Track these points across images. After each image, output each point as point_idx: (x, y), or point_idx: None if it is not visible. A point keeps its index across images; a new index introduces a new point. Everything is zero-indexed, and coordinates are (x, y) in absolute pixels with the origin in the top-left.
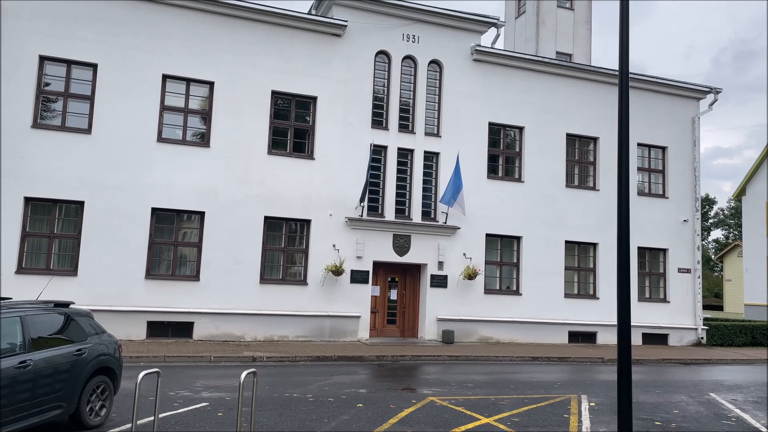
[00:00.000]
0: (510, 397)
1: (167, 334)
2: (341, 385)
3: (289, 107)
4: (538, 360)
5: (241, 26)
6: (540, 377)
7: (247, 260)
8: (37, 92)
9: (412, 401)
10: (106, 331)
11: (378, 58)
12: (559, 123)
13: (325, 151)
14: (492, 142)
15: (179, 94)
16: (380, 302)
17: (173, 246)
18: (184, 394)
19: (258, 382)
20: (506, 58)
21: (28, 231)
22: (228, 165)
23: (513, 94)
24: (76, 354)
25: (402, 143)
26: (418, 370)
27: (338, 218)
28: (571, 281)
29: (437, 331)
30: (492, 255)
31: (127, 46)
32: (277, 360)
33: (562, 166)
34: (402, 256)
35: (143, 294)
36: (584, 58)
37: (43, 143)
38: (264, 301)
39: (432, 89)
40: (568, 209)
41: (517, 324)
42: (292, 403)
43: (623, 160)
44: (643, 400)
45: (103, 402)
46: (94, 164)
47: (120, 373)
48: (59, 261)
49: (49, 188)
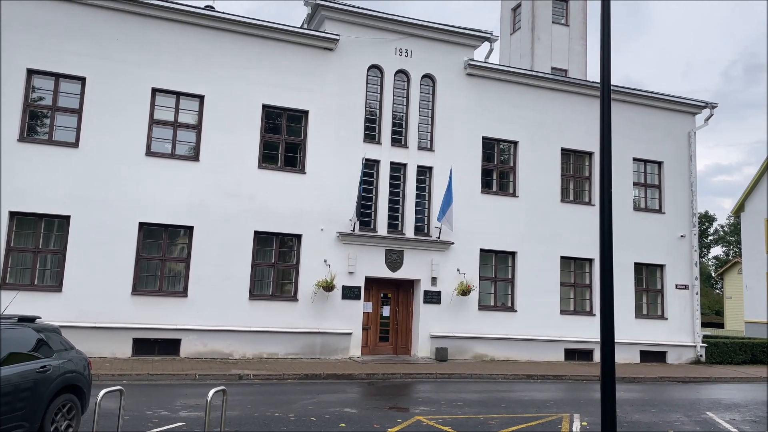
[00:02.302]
0: (500, 416)
1: (153, 351)
2: (326, 404)
3: (280, 121)
4: (532, 378)
5: (232, 40)
6: (533, 396)
7: (237, 276)
8: (25, 105)
9: (398, 420)
10: (74, 347)
11: (370, 72)
12: (554, 138)
13: (316, 165)
14: (486, 156)
15: (169, 107)
16: (372, 319)
17: (161, 261)
18: (162, 413)
19: (241, 401)
20: (500, 73)
21: (13, 246)
22: (218, 179)
23: (507, 108)
24: (40, 371)
25: (395, 157)
26: (408, 388)
27: (330, 233)
28: (567, 297)
29: (431, 349)
30: (486, 271)
31: (117, 59)
32: (264, 378)
33: (557, 181)
34: (395, 271)
35: (129, 310)
36: (580, 74)
37: (30, 157)
38: (253, 317)
39: (425, 103)
40: (563, 224)
41: (512, 341)
42: (272, 423)
43: (605, 171)
44: (637, 419)
45: (69, 422)
46: (81, 178)
47: (89, 391)
48: (44, 276)
49: (35, 203)
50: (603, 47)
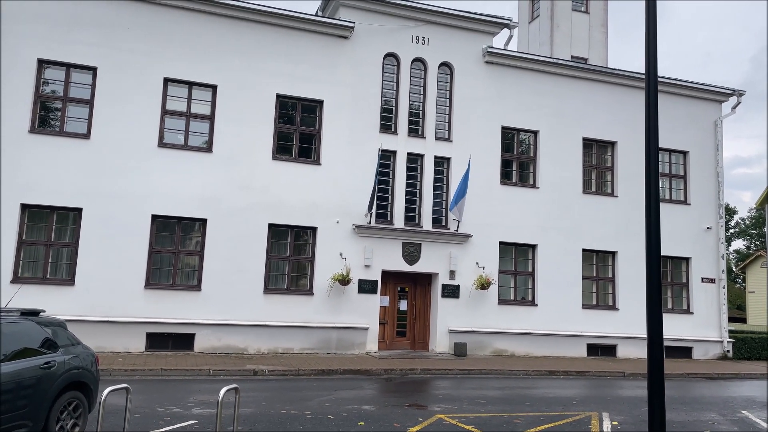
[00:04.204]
0: (525, 414)
1: (167, 346)
2: (344, 401)
3: (294, 111)
4: (555, 374)
5: (245, 28)
6: (557, 393)
7: (251, 269)
8: (35, 96)
9: (419, 419)
10: (81, 342)
11: (386, 60)
12: (575, 127)
13: (331, 156)
14: (505, 146)
15: (181, 98)
16: (389, 313)
17: (174, 255)
18: (174, 410)
19: (256, 398)
20: (520, 60)
21: (25, 239)
22: (231, 171)
23: (527, 97)
24: (44, 367)
25: (411, 148)
26: (427, 384)
27: (345, 226)
28: (589, 291)
29: (449, 344)
30: (506, 264)
31: (128, 49)
32: (280, 373)
33: (578, 172)
34: (412, 265)
35: (142, 304)
36: (600, 62)
37: (41, 149)
38: (268, 312)
39: (442, 92)
40: (585, 216)
41: (532, 336)
42: (287, 421)
43: (652, 165)
44: (670, 418)
45: (75, 420)
46: (92, 170)
47: (96, 388)
48: (56, 270)
49: (47, 195)
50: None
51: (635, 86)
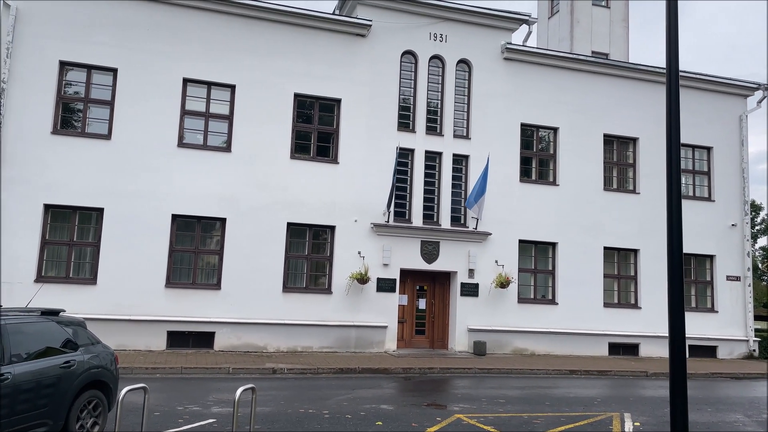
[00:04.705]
0: (545, 414)
1: (188, 344)
2: (362, 400)
3: (312, 110)
4: (576, 373)
5: (263, 28)
6: (578, 392)
7: (270, 268)
8: (57, 98)
9: (437, 419)
10: (100, 342)
11: (404, 58)
12: (596, 123)
13: (349, 155)
14: (525, 144)
15: (200, 98)
16: (408, 312)
17: (194, 254)
18: (193, 409)
19: (274, 396)
20: (539, 56)
21: (48, 239)
22: (250, 170)
23: (546, 93)
24: (64, 366)
25: (430, 146)
26: (446, 383)
27: (364, 224)
28: (611, 290)
29: (468, 343)
30: (526, 262)
31: (147, 50)
32: (299, 372)
33: (599, 169)
34: (430, 263)
35: (163, 303)
36: (621, 57)
37: (63, 150)
38: (287, 310)
39: (461, 90)
40: (606, 214)
41: (553, 335)
42: (305, 421)
43: (674, 161)
44: (694, 419)
45: (95, 419)
46: (113, 170)
47: (116, 387)
48: (78, 269)
49: (69, 195)
50: (669, 31)
51: (657, 81)
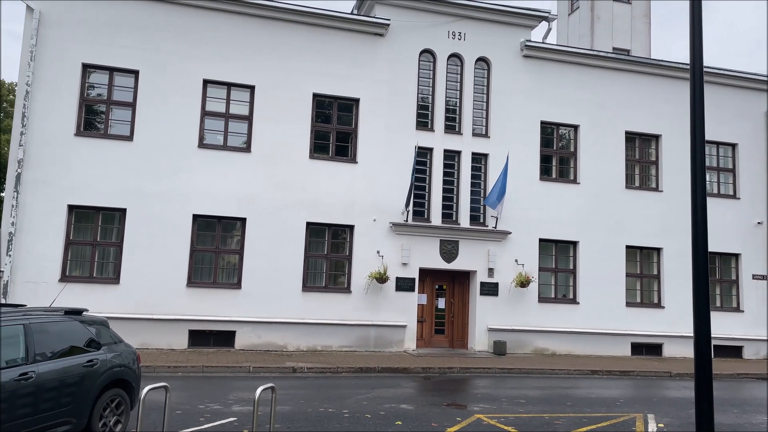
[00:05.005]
0: (566, 415)
1: (209, 343)
2: (382, 400)
3: (330, 110)
4: (597, 374)
5: (281, 28)
6: (600, 393)
7: (290, 267)
8: (80, 100)
9: (457, 419)
10: (123, 341)
11: (422, 57)
12: (617, 120)
13: (368, 154)
14: (545, 141)
15: (220, 99)
16: (427, 311)
17: (215, 253)
18: (214, 407)
19: (294, 395)
20: (559, 53)
21: (72, 239)
22: (269, 170)
23: (567, 90)
24: (87, 365)
25: (448, 145)
26: (466, 383)
27: (382, 224)
28: (633, 289)
29: (488, 342)
30: (546, 261)
31: (168, 52)
32: (319, 371)
33: (621, 167)
34: (450, 262)
35: (185, 302)
36: (643, 53)
37: (86, 151)
38: (306, 309)
39: (480, 88)
40: (628, 212)
41: (574, 335)
42: (325, 420)
43: (698, 158)
44: (719, 421)
45: (118, 417)
46: (136, 171)
47: (138, 385)
48: (102, 269)
49: (92, 196)
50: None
51: (680, 77)
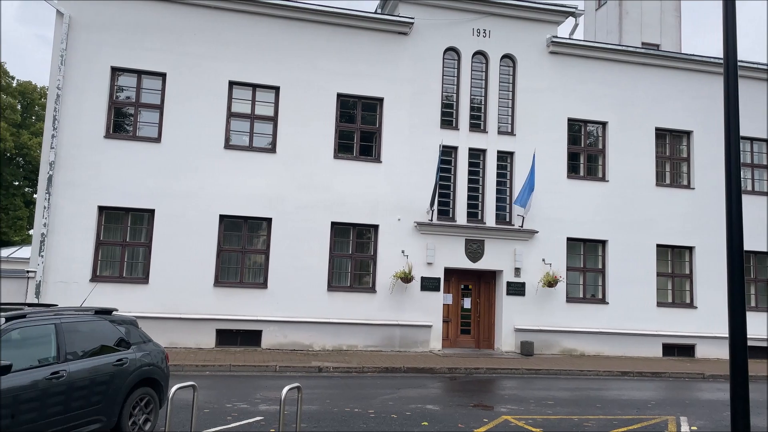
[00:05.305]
0: (596, 417)
1: (236, 342)
2: (407, 400)
3: (354, 110)
4: (628, 375)
5: (306, 29)
6: (631, 395)
7: (315, 267)
8: (110, 103)
9: (484, 420)
10: (151, 340)
11: (447, 55)
12: (646, 117)
13: (392, 153)
14: (572, 139)
15: (245, 100)
16: (453, 311)
17: (241, 253)
18: (241, 406)
19: (320, 395)
20: (586, 49)
21: (102, 239)
22: (294, 170)
23: (594, 87)
24: (117, 364)
25: (473, 143)
26: (493, 384)
27: (407, 223)
28: (665, 288)
29: (515, 343)
30: (574, 261)
31: (194, 54)
32: (344, 371)
33: (651, 164)
34: (475, 262)
35: (212, 302)
36: (674, 48)
37: (115, 153)
38: (332, 309)
39: (505, 85)
40: (659, 210)
41: (603, 335)
42: (351, 420)
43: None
44: (755, 423)
45: (147, 416)
46: (163, 173)
47: (166, 384)
48: (131, 269)
49: (121, 197)
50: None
51: (712, 72)
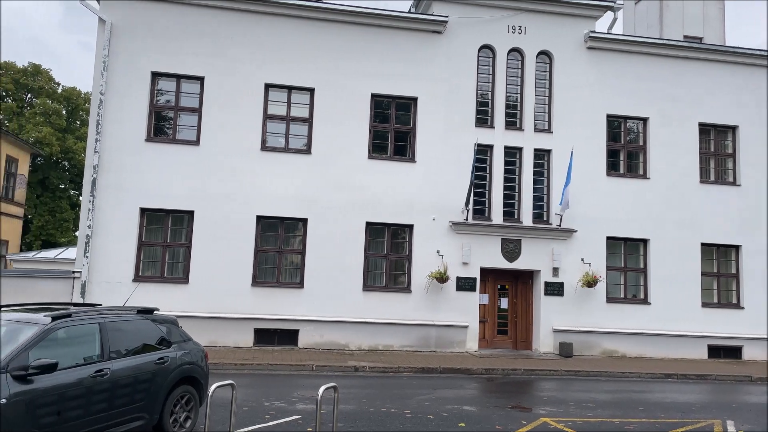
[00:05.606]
0: (639, 420)
1: (273, 341)
2: (444, 401)
3: (389, 110)
4: (671, 377)
5: (339, 30)
6: (674, 398)
7: (350, 267)
8: (150, 107)
9: (522, 422)
10: (191, 339)
11: (481, 53)
12: (689, 112)
13: (426, 153)
14: (611, 135)
15: (281, 102)
16: (489, 311)
17: (277, 253)
18: (279, 405)
19: (356, 395)
20: (626, 44)
21: (144, 240)
22: (329, 171)
23: (634, 82)
24: (158, 362)
25: (509, 141)
26: (531, 385)
27: (442, 223)
28: (710, 288)
29: (553, 343)
30: (614, 260)
31: (232, 58)
32: (380, 370)
33: (695, 160)
34: (512, 262)
35: (250, 301)
36: (717, 41)
37: (156, 156)
38: (367, 309)
39: (541, 82)
40: (703, 208)
41: (645, 336)
42: (387, 420)
43: None
44: None
45: (188, 413)
46: (202, 175)
47: (206, 382)
48: (172, 269)
49: (162, 199)
50: None
51: (758, 64)
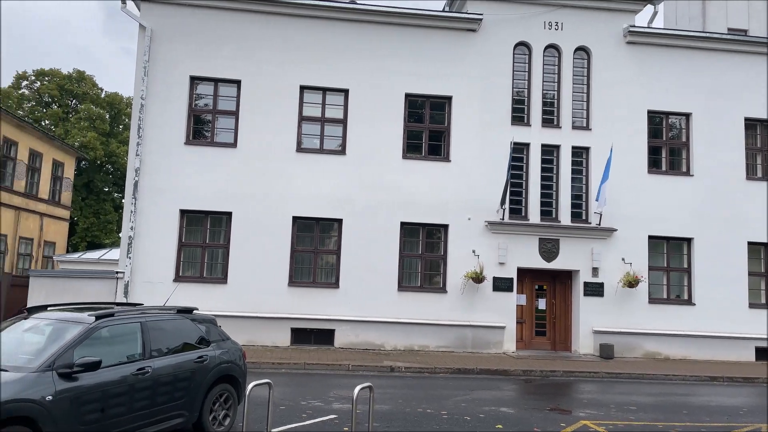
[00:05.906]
0: (683, 424)
1: (310, 341)
2: (481, 402)
3: (423, 109)
4: (717, 380)
5: (373, 31)
6: (720, 401)
7: (385, 267)
8: (189, 111)
9: (561, 424)
10: (229, 338)
11: (517, 50)
12: (734, 106)
13: (461, 152)
14: (652, 132)
15: (316, 103)
16: (527, 312)
17: (313, 253)
18: (316, 404)
19: (392, 395)
20: (667, 38)
21: (184, 241)
22: (364, 171)
23: (676, 77)
24: (198, 361)
25: (546, 139)
26: (570, 387)
27: (477, 222)
28: (757, 289)
29: (593, 345)
30: (657, 260)
31: (267, 61)
32: (416, 371)
33: (741, 156)
34: (550, 261)
35: (287, 301)
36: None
37: (195, 158)
38: (402, 309)
39: (579, 78)
40: (750, 205)
41: (689, 338)
42: (424, 420)
43: None
44: None
45: (226, 411)
46: (240, 176)
47: (244, 381)
48: (211, 269)
49: (201, 201)
50: None
51: None
